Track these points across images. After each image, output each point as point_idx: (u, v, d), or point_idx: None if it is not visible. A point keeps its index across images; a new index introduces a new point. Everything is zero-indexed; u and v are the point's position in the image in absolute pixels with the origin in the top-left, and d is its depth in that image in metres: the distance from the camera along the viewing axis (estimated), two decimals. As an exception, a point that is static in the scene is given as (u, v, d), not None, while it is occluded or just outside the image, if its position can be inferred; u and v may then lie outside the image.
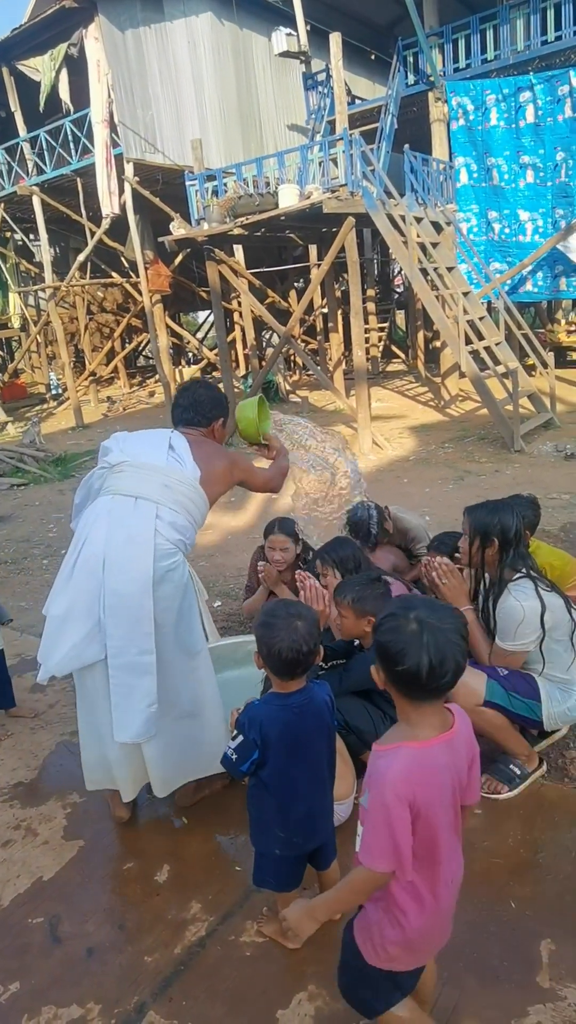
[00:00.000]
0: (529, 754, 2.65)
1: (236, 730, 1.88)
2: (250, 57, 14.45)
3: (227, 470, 2.62)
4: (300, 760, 1.87)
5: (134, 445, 2.56)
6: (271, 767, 1.86)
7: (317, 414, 12.46)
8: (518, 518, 2.56)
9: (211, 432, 2.71)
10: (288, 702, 1.87)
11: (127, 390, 18.61)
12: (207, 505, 2.52)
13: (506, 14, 11.73)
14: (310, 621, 1.86)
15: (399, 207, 9.28)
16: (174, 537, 2.35)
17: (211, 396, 2.74)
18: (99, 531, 2.34)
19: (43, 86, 12.81)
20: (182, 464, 2.47)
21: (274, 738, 1.83)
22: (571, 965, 1.93)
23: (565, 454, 7.73)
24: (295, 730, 1.85)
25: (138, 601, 2.25)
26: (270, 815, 1.91)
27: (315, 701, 1.89)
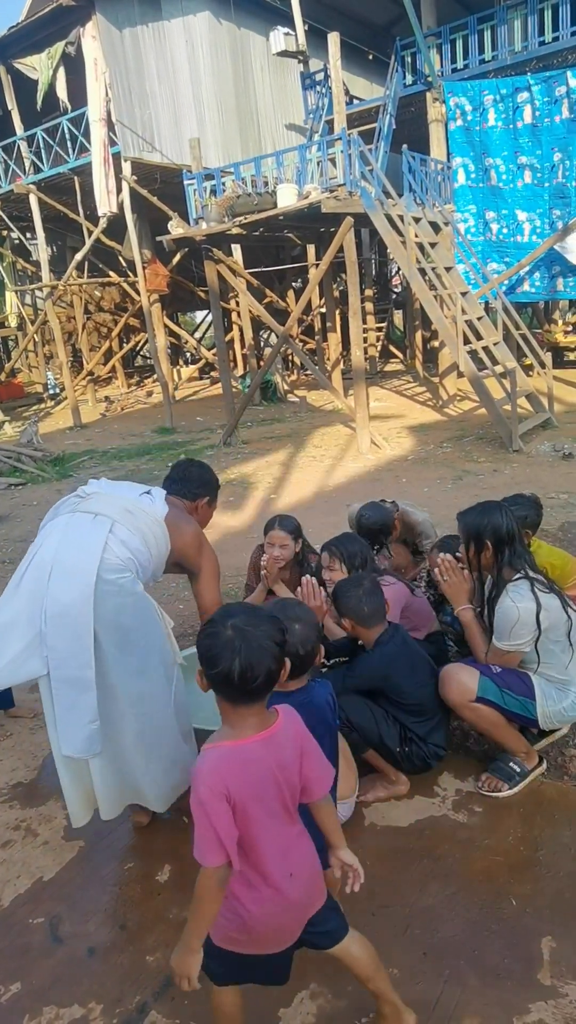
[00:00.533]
0: (528, 752, 2.66)
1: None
2: (248, 56, 14.44)
3: (193, 538, 2.56)
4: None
5: (111, 485, 2.59)
6: None
7: (315, 414, 12.48)
8: (508, 517, 2.56)
9: (194, 508, 2.73)
10: (287, 700, 1.87)
11: (125, 390, 18.61)
12: (167, 547, 2.45)
13: (503, 15, 11.76)
14: (307, 624, 1.87)
15: (397, 207, 9.29)
16: (123, 554, 2.28)
17: (201, 475, 2.79)
18: (52, 541, 2.31)
19: (40, 84, 12.80)
20: (152, 502, 2.48)
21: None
22: (572, 962, 1.94)
23: (563, 454, 7.75)
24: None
25: (78, 611, 2.18)
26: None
27: (315, 700, 1.89)
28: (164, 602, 4.73)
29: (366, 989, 1.75)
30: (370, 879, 2.26)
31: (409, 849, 2.41)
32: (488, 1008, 1.84)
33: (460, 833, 2.46)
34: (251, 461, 9.12)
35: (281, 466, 8.70)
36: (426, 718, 2.61)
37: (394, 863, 2.35)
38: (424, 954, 2.01)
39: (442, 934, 2.07)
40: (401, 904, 2.17)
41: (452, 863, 2.33)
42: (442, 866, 2.32)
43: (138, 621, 2.29)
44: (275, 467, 8.67)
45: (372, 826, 2.53)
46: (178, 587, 4.92)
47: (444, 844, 2.41)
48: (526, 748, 2.66)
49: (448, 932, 2.07)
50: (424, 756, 2.62)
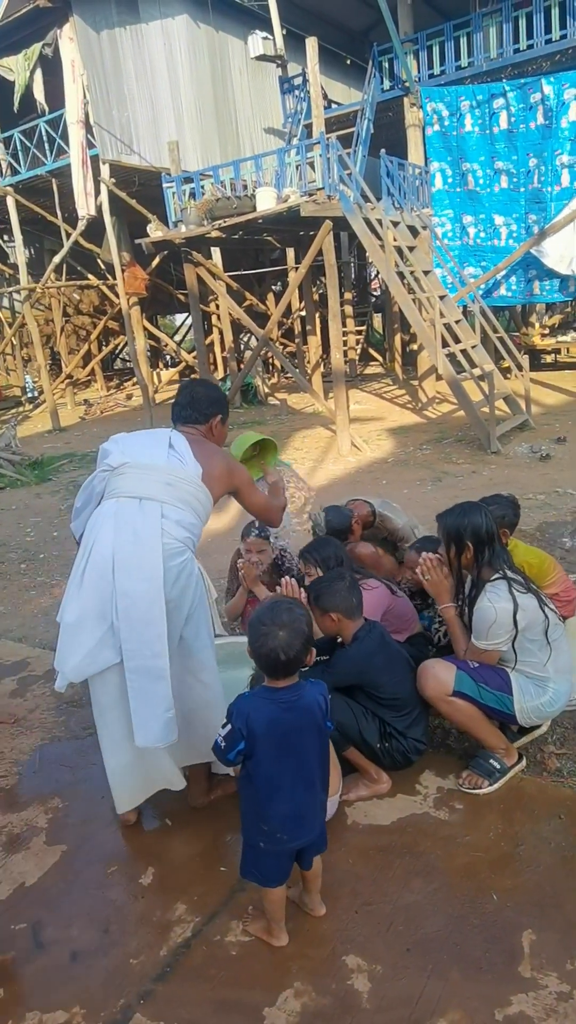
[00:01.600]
0: (508, 749, 2.69)
1: (226, 719, 1.92)
2: (226, 60, 14.46)
3: (225, 472, 2.57)
4: (287, 756, 1.90)
5: (134, 446, 2.52)
6: (257, 759, 1.89)
7: (296, 416, 12.50)
8: (487, 517, 2.60)
9: (209, 430, 2.68)
10: (276, 696, 1.91)
11: (104, 393, 18.50)
12: (211, 502, 2.50)
13: (479, 22, 11.89)
14: (294, 630, 1.89)
15: (376, 211, 9.35)
16: (181, 535, 2.34)
17: (208, 393, 2.73)
18: (106, 534, 2.31)
19: (17, 86, 12.71)
20: (183, 462, 2.45)
21: (260, 731, 1.87)
22: (552, 955, 1.97)
23: (540, 455, 7.84)
24: (282, 725, 1.89)
25: (150, 602, 2.24)
26: (255, 807, 1.94)
27: (305, 699, 1.92)
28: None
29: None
30: (353, 877, 2.29)
31: (391, 847, 2.43)
32: (470, 1001, 1.86)
33: (442, 830, 2.48)
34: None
35: (262, 469, 8.70)
36: (405, 712, 2.63)
37: (377, 861, 2.37)
38: (407, 950, 2.03)
39: (425, 930, 2.09)
40: (384, 901, 2.19)
41: (434, 860, 2.35)
42: (424, 863, 2.34)
43: (199, 598, 2.37)
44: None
45: (355, 824, 2.54)
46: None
47: (426, 841, 2.44)
48: (505, 745, 2.69)
49: (431, 928, 2.09)
50: (405, 751, 2.64)
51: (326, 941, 2.08)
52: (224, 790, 2.72)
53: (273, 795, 1.91)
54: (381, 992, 1.91)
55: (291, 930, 2.13)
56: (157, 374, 18.56)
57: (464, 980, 1.92)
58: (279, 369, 17.72)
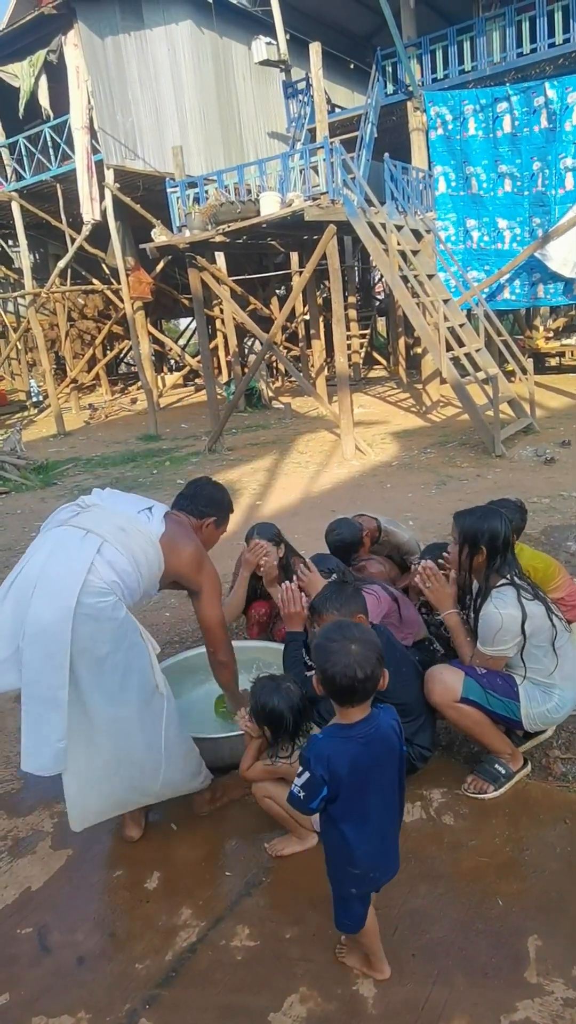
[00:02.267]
0: (513, 753, 2.69)
1: (301, 766, 1.76)
2: (230, 65, 14.52)
3: (191, 559, 2.49)
4: (371, 792, 1.78)
5: (114, 497, 2.53)
6: (342, 802, 1.76)
7: (300, 420, 12.51)
8: (507, 525, 2.59)
9: (200, 526, 2.69)
10: (352, 733, 1.76)
11: (109, 397, 18.55)
12: (159, 567, 2.40)
13: (482, 26, 11.92)
14: (367, 644, 1.75)
15: (379, 215, 9.37)
16: (109, 577, 2.23)
17: (211, 493, 2.73)
18: (40, 557, 2.27)
19: (22, 92, 12.78)
20: (149, 520, 2.42)
21: (344, 772, 1.73)
22: (558, 960, 1.96)
23: (544, 458, 7.83)
24: (364, 762, 1.75)
25: (55, 632, 2.13)
26: (343, 852, 1.81)
27: (381, 728, 1.79)
28: (151, 609, 4.73)
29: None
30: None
31: (397, 852, 2.42)
32: (476, 1008, 1.86)
33: (447, 835, 2.48)
34: (236, 468, 9.13)
35: (266, 472, 8.72)
36: (411, 719, 2.63)
37: (382, 866, 2.36)
38: (413, 955, 2.02)
39: (430, 935, 2.09)
40: (389, 906, 2.19)
41: (439, 864, 2.35)
42: (429, 868, 2.34)
43: (115, 647, 2.22)
44: (260, 473, 8.69)
45: (360, 830, 2.54)
46: (164, 595, 4.92)
47: (431, 846, 2.43)
48: (511, 750, 2.68)
49: (436, 933, 2.09)
50: (410, 758, 2.63)
51: (331, 946, 2.08)
52: (230, 796, 2.71)
53: (361, 836, 1.79)
54: (387, 997, 1.91)
55: (297, 935, 2.14)
56: (161, 378, 18.61)
57: (470, 986, 1.92)
58: (283, 373, 17.74)
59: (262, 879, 2.38)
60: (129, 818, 2.61)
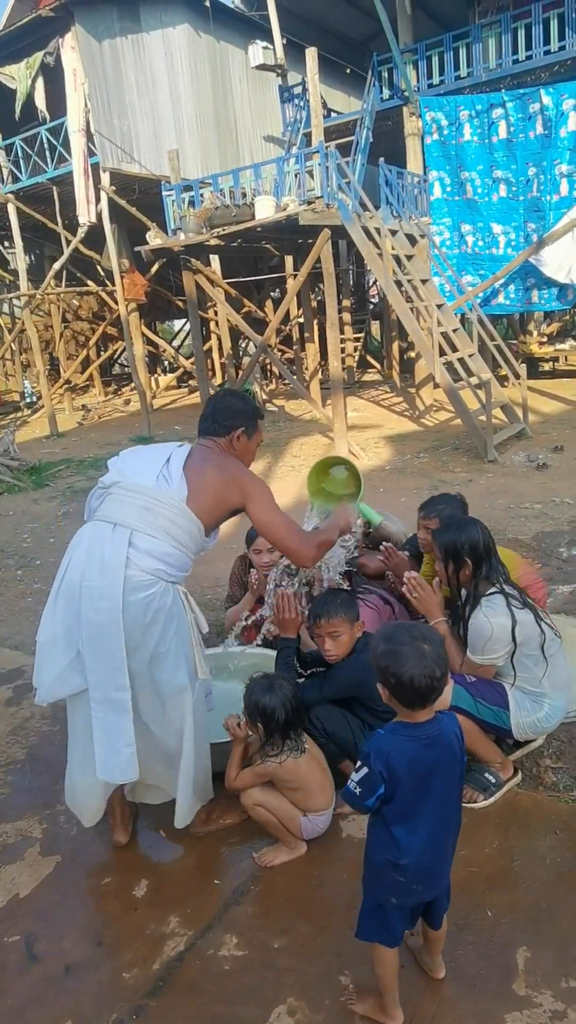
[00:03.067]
0: (503, 762, 2.69)
1: (360, 761, 1.70)
2: (227, 69, 14.55)
3: (220, 483, 2.36)
4: (428, 797, 1.71)
5: (131, 463, 2.42)
6: (397, 803, 1.69)
7: (294, 423, 12.52)
8: (485, 532, 2.60)
9: (230, 443, 2.52)
10: (417, 733, 1.70)
11: (102, 398, 18.51)
12: (197, 526, 2.31)
13: (478, 33, 11.98)
14: (436, 642, 1.70)
15: (374, 219, 9.39)
16: (150, 566, 2.20)
17: (232, 404, 2.56)
18: (79, 558, 2.26)
19: (19, 94, 12.78)
20: (169, 482, 2.31)
21: (402, 772, 1.67)
22: (547, 972, 1.96)
23: (537, 464, 7.85)
24: (424, 764, 1.69)
25: (109, 634, 2.16)
26: (390, 856, 1.72)
27: (445, 732, 1.73)
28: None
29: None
30: (348, 891, 2.28)
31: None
32: (464, 1019, 1.85)
33: (437, 844, 2.48)
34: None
35: (260, 475, 8.70)
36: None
37: (371, 875, 2.36)
38: (402, 966, 2.01)
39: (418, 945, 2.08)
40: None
41: (429, 874, 2.35)
42: (419, 877, 2.33)
43: (167, 634, 2.24)
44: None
45: (349, 838, 2.53)
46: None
47: (421, 855, 2.43)
48: (501, 759, 2.68)
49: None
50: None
51: (320, 956, 2.08)
52: (226, 820, 2.66)
53: (413, 841, 1.71)
54: (375, 1008, 1.90)
55: (285, 944, 2.13)
56: (155, 380, 18.59)
57: (458, 997, 1.91)
58: (277, 376, 17.75)
59: (251, 888, 2.37)
60: (119, 822, 2.61)
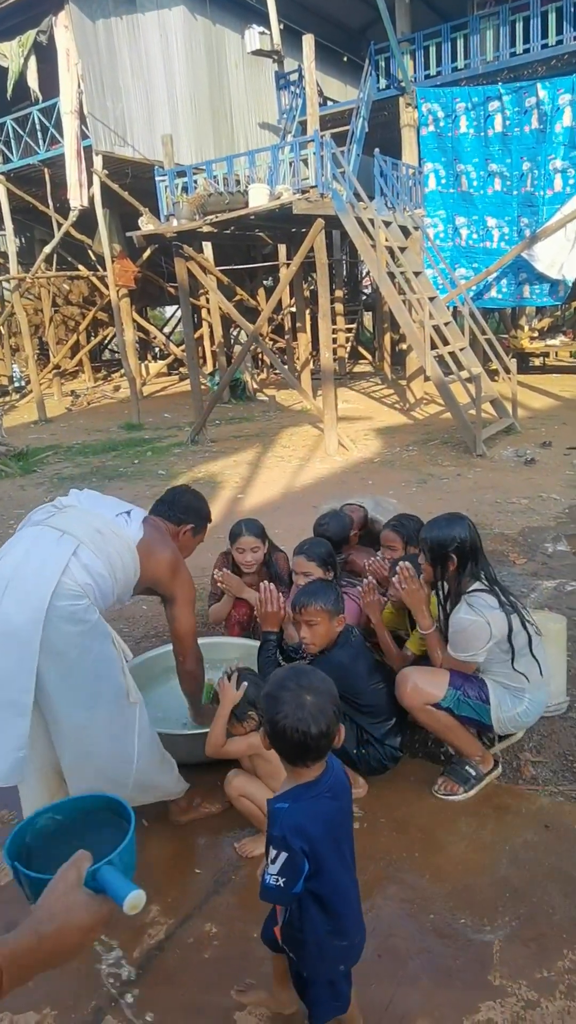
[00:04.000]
0: (484, 756, 2.72)
1: (273, 849, 1.49)
2: (223, 53, 14.38)
3: (167, 565, 2.45)
4: (344, 848, 1.60)
5: (92, 498, 2.49)
6: (326, 872, 1.53)
7: (284, 413, 12.50)
8: (472, 529, 2.61)
9: (177, 534, 2.67)
10: (319, 790, 1.54)
11: (91, 384, 18.40)
12: (135, 571, 2.36)
13: (477, 24, 11.91)
14: (323, 695, 1.52)
15: (368, 210, 9.35)
16: (83, 579, 2.19)
17: (192, 502, 2.72)
18: (15, 555, 2.21)
19: (10, 73, 12.56)
20: (127, 523, 2.39)
21: (320, 837, 1.51)
22: (522, 964, 1.99)
23: (525, 459, 7.89)
24: (338, 816, 1.58)
25: (26, 634, 2.10)
26: (329, 927, 1.58)
27: (338, 774, 1.61)
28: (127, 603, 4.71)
29: None
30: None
31: (365, 852, 2.43)
32: (440, 1009, 1.88)
33: (416, 836, 2.50)
34: (218, 460, 9.10)
35: (249, 466, 8.70)
36: (382, 720, 2.65)
37: (351, 866, 2.38)
38: (379, 956, 2.04)
39: (396, 936, 2.10)
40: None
41: (408, 866, 2.37)
42: (397, 868, 2.36)
43: (85, 651, 2.19)
44: (243, 467, 8.67)
45: (331, 829, 2.55)
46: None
47: (400, 847, 2.45)
48: (481, 752, 2.71)
49: (402, 934, 2.11)
50: (381, 758, 2.66)
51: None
52: (205, 809, 2.68)
53: (345, 902, 1.60)
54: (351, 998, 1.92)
55: (264, 934, 2.15)
56: (145, 366, 18.48)
57: (434, 987, 1.94)
58: (268, 365, 17.69)
59: (232, 877, 2.39)
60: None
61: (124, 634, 4.19)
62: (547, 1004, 1.87)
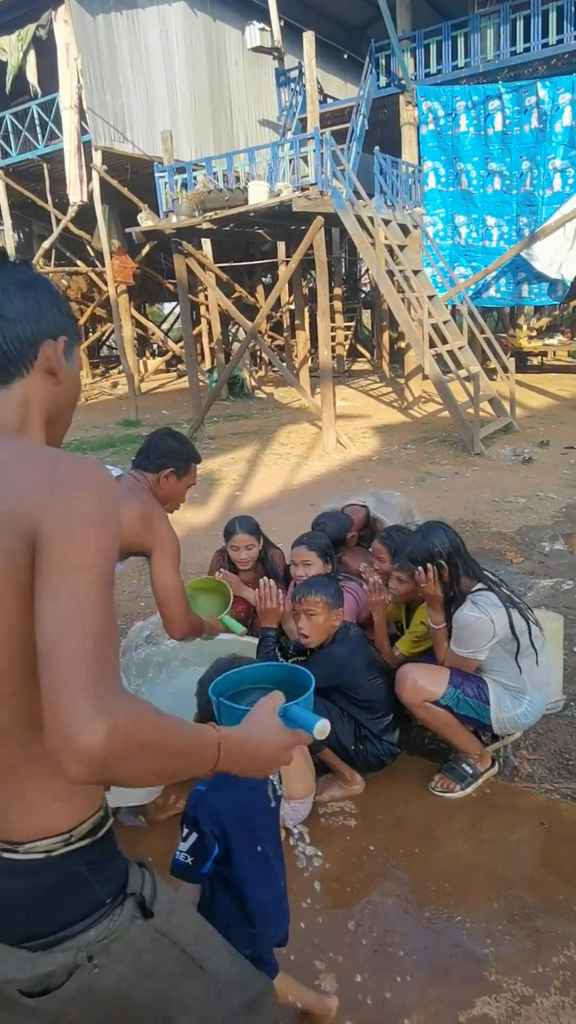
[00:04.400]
0: (481, 754, 2.73)
1: (185, 828, 1.57)
2: (223, 49, 14.34)
3: (139, 518, 2.28)
4: (262, 839, 1.63)
5: None
6: (236, 859, 1.58)
7: (282, 411, 12.50)
8: (450, 532, 2.64)
9: (157, 481, 2.47)
10: (241, 779, 1.59)
11: (89, 380, 18.36)
12: None
13: (477, 23, 11.89)
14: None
15: (368, 208, 9.35)
16: None
17: (167, 443, 2.51)
18: None
19: (10, 67, 12.52)
20: None
21: (233, 825, 1.57)
22: (517, 960, 2.00)
23: (523, 458, 7.90)
24: (252, 808, 1.61)
25: None
26: (239, 915, 1.62)
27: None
28: (125, 599, 4.72)
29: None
30: (324, 876, 2.31)
31: (363, 848, 2.45)
32: (435, 1004, 1.89)
33: (412, 832, 2.51)
34: (216, 457, 9.10)
35: (247, 463, 8.70)
36: (380, 716, 2.66)
37: (347, 862, 2.39)
38: (375, 951, 2.05)
39: (393, 932, 2.12)
40: (353, 903, 2.22)
41: (404, 862, 2.38)
42: (394, 865, 2.37)
43: None
44: (241, 464, 8.67)
45: (327, 825, 2.57)
46: (140, 584, 4.91)
47: (396, 843, 2.46)
48: (479, 750, 2.72)
49: (399, 930, 2.12)
50: (379, 754, 2.67)
51: (294, 940, 2.09)
52: (181, 804, 2.65)
53: (257, 891, 1.63)
54: (348, 992, 1.93)
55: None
56: (143, 363, 18.46)
57: (430, 982, 1.95)
58: (267, 362, 17.68)
59: (229, 873, 2.39)
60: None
61: (121, 630, 4.20)
62: (542, 1000, 1.88)
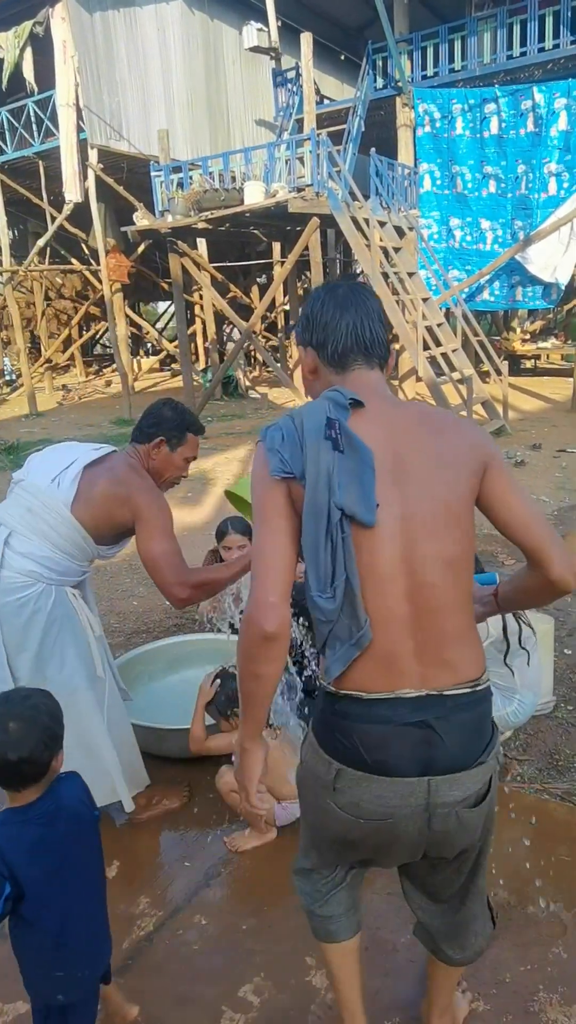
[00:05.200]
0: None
1: None
2: (220, 49, 14.36)
3: (112, 498, 2.22)
4: (69, 877, 1.52)
5: (43, 459, 2.35)
6: (32, 898, 1.48)
7: (276, 411, 12.50)
8: None
9: (148, 453, 2.36)
10: (30, 815, 1.49)
11: (83, 378, 18.34)
12: (82, 535, 2.21)
13: (474, 26, 11.96)
14: (30, 722, 1.46)
15: (363, 210, 9.38)
16: (25, 567, 2.15)
17: (161, 412, 2.38)
18: None
19: (6, 63, 12.51)
20: (59, 486, 2.21)
21: (25, 862, 1.46)
22: (509, 959, 2.02)
23: (515, 461, 7.94)
24: (53, 843, 1.50)
25: None
26: (45, 955, 1.54)
27: (63, 801, 1.54)
28: (118, 597, 4.71)
29: None
30: (316, 876, 2.32)
31: (354, 846, 2.46)
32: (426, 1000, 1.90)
33: (404, 831, 2.53)
34: (210, 457, 9.10)
35: (240, 463, 8.71)
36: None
37: (340, 860, 2.40)
38: (366, 948, 2.06)
39: (384, 930, 2.13)
40: (345, 900, 2.23)
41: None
42: (386, 863, 2.38)
43: (45, 634, 2.19)
44: (234, 464, 8.68)
45: (319, 824, 2.58)
46: (133, 582, 4.91)
47: (388, 842, 2.48)
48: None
49: (389, 928, 2.14)
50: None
51: (287, 938, 2.12)
52: (166, 805, 2.68)
53: (67, 930, 1.52)
54: (339, 989, 1.95)
55: (254, 926, 2.17)
56: (137, 362, 18.46)
57: (420, 981, 1.96)
58: (261, 363, 17.70)
59: (221, 871, 2.41)
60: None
61: (114, 629, 4.20)
62: (532, 997, 1.90)
